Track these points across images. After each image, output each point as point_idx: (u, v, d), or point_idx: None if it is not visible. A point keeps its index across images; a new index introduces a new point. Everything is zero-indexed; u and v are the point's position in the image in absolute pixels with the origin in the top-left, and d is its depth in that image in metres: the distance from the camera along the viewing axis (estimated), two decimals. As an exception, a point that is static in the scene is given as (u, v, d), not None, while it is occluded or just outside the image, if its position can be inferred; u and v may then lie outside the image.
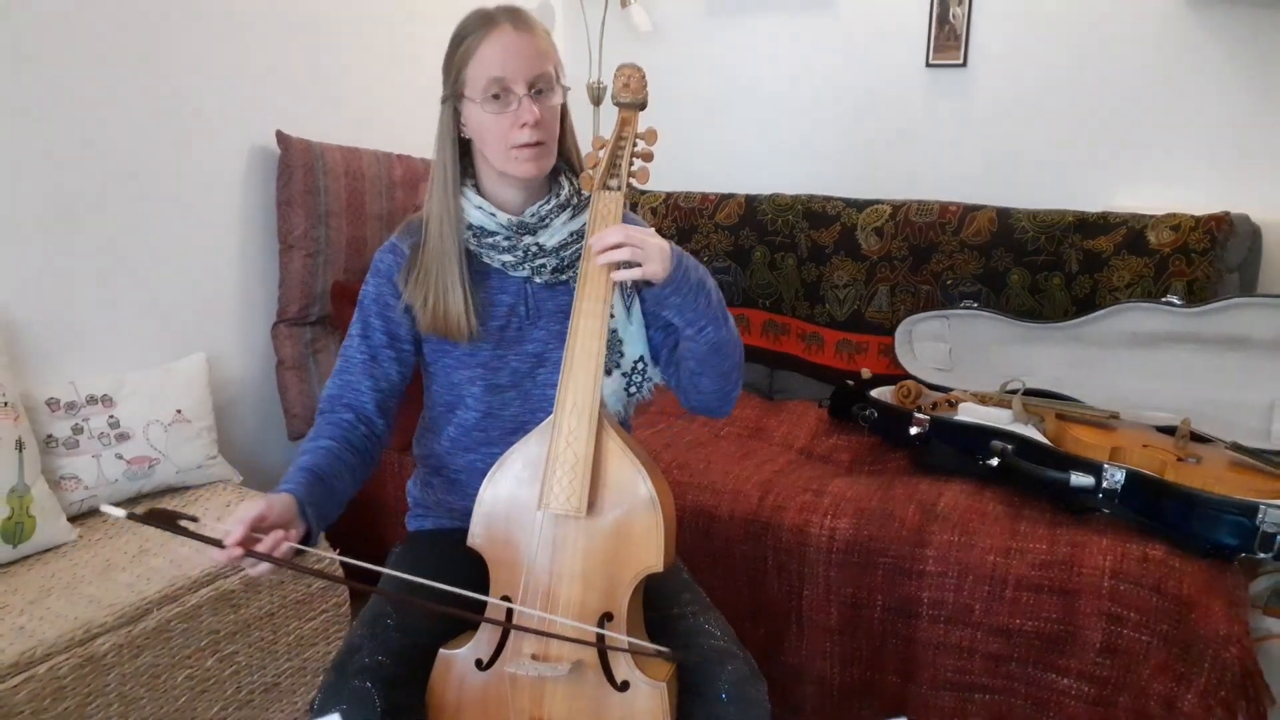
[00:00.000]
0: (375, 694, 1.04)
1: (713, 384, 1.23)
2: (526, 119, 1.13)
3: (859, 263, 2.28)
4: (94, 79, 1.76)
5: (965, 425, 1.79)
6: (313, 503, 1.07)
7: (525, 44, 1.14)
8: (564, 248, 1.22)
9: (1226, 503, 1.43)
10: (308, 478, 1.10)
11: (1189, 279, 1.91)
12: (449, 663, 1.11)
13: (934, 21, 2.42)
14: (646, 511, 1.06)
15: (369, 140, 2.29)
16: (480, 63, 1.14)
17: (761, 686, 1.12)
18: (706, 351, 1.18)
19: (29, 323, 1.71)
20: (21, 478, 1.54)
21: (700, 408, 1.28)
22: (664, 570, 1.07)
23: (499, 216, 1.20)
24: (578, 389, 1.08)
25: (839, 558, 1.61)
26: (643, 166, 1.13)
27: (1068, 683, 1.48)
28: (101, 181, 1.80)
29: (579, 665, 1.06)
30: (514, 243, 1.20)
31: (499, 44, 1.14)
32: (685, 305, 1.13)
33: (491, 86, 1.13)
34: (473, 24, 1.16)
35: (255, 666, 1.63)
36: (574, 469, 1.06)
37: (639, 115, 1.16)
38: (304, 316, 2.13)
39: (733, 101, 2.77)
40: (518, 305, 1.24)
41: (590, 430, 1.07)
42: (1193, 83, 2.18)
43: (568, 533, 1.08)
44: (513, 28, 1.15)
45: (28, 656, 1.29)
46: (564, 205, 1.22)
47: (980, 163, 2.44)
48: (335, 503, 1.13)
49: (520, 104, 1.13)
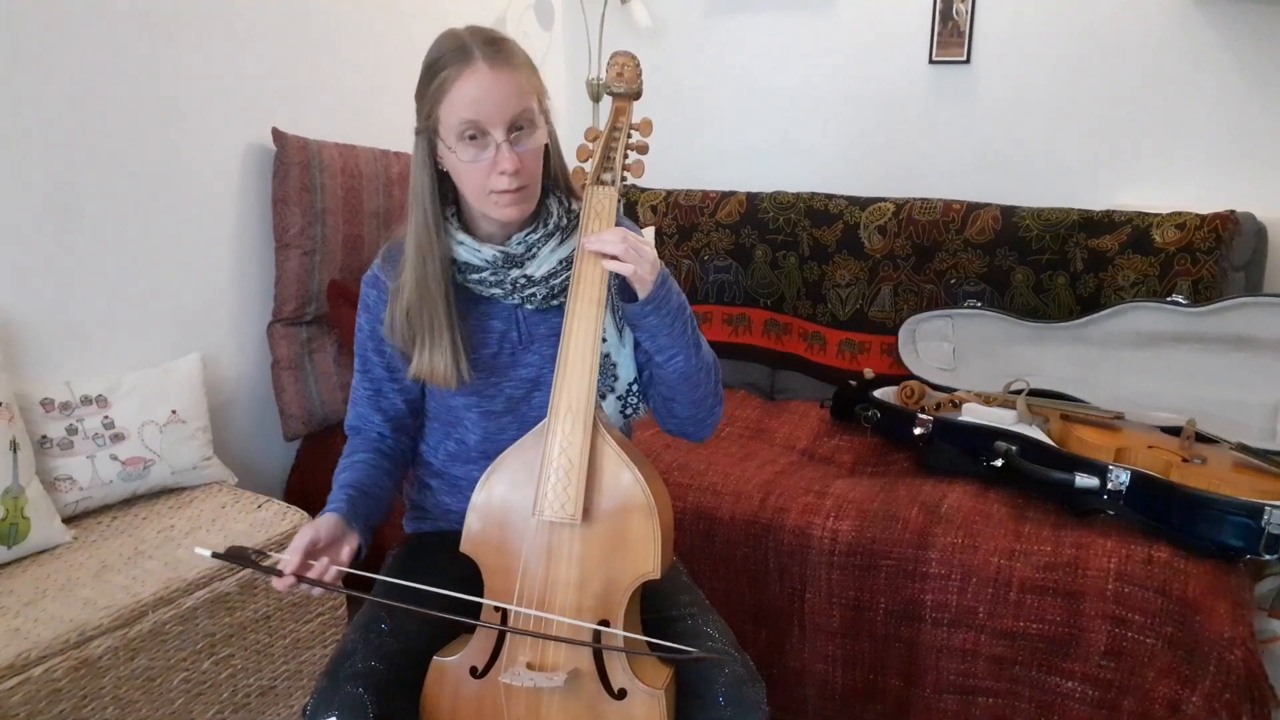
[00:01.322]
0: (368, 700, 1.03)
1: (686, 410, 1.21)
2: (505, 167, 1.06)
3: (862, 261, 2.26)
4: (89, 78, 1.75)
5: (969, 426, 1.78)
6: (357, 515, 1.12)
7: (503, 83, 1.05)
8: (553, 276, 1.16)
9: (1232, 504, 1.42)
10: (349, 494, 1.14)
11: (1194, 278, 1.90)
12: (442, 670, 1.10)
13: (937, 18, 2.40)
14: (643, 518, 1.04)
15: (366, 138, 2.27)
16: (452, 105, 1.06)
17: (760, 689, 1.11)
18: (677, 379, 1.16)
19: (23, 323, 1.70)
20: (16, 479, 1.53)
21: (677, 432, 1.26)
22: (661, 577, 1.05)
23: (484, 251, 1.14)
24: (572, 393, 1.06)
25: (841, 560, 1.60)
26: (638, 159, 1.10)
27: (1072, 685, 1.47)
28: (96, 180, 1.78)
29: (575, 674, 1.05)
30: (501, 277, 1.16)
31: (474, 85, 1.05)
32: (660, 328, 1.10)
33: (467, 129, 1.06)
34: (447, 56, 1.07)
35: (251, 669, 1.62)
36: (568, 475, 1.04)
37: (633, 105, 1.12)
38: (300, 316, 2.11)
39: (734, 98, 2.75)
40: (509, 331, 1.20)
41: (585, 435, 1.05)
42: (1198, 80, 2.16)
43: (562, 539, 1.06)
44: (488, 66, 1.05)
45: (23, 659, 1.28)
46: (552, 233, 1.16)
47: (984, 161, 2.42)
48: (381, 508, 1.19)
49: (499, 150, 1.06)
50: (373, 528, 1.15)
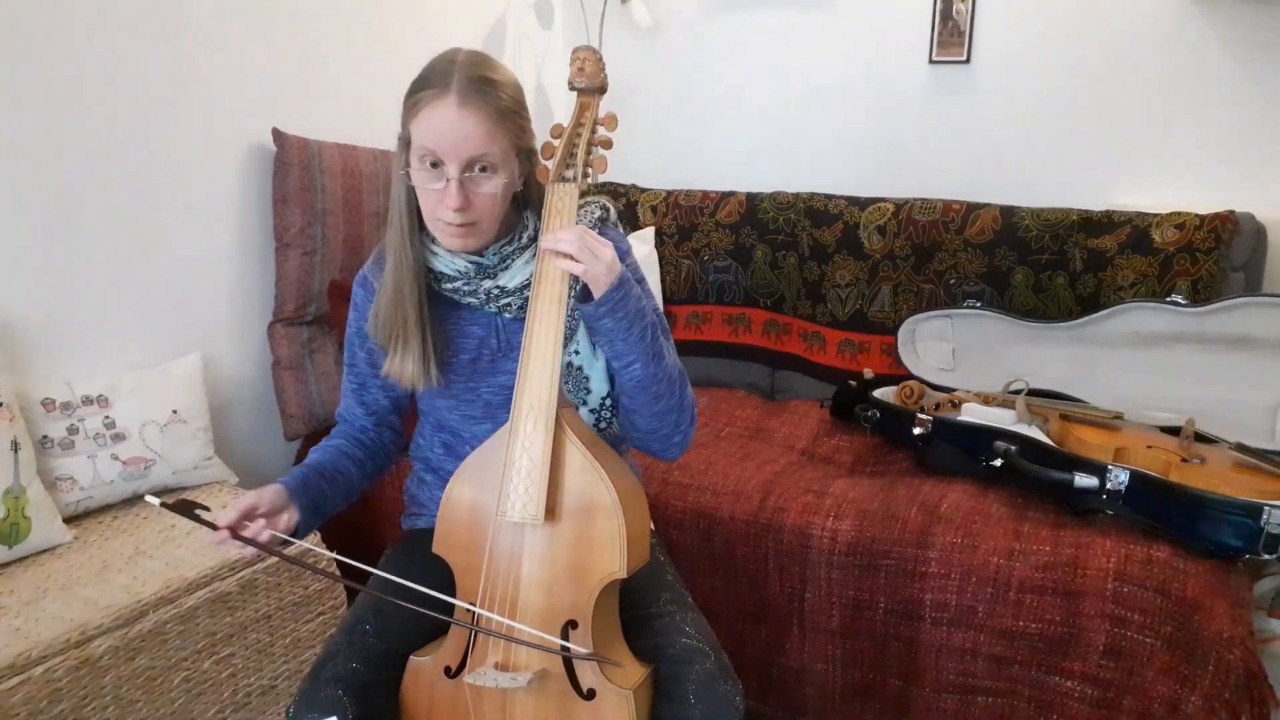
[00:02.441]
0: (347, 701, 1.04)
1: (646, 423, 1.17)
2: (449, 203, 1.06)
3: (861, 262, 2.26)
4: (89, 78, 1.75)
5: (968, 426, 1.78)
6: (305, 495, 1.13)
7: (468, 123, 1.05)
8: (527, 287, 1.16)
9: (1231, 504, 1.42)
10: (306, 473, 1.17)
11: (1193, 278, 1.90)
12: (418, 670, 1.11)
13: (937, 18, 2.40)
14: (608, 517, 1.03)
15: (366, 137, 2.27)
16: (418, 128, 1.07)
17: (734, 686, 1.09)
18: (634, 388, 1.13)
19: (24, 323, 1.70)
20: (17, 479, 1.53)
21: (642, 447, 1.23)
22: (628, 576, 1.04)
23: (456, 262, 1.16)
24: (533, 392, 1.05)
25: (841, 559, 1.60)
26: (601, 155, 1.09)
27: (1071, 685, 1.47)
28: (97, 180, 1.78)
29: (543, 674, 1.05)
30: (474, 287, 1.17)
31: (439, 116, 1.05)
32: (615, 332, 1.08)
33: (426, 155, 1.07)
34: (431, 77, 1.07)
35: (252, 669, 1.62)
36: (529, 475, 1.03)
37: (598, 100, 1.12)
38: (301, 316, 2.11)
39: (734, 98, 2.75)
40: (488, 338, 1.21)
41: (547, 435, 1.04)
42: (1198, 80, 2.16)
43: (528, 540, 1.06)
44: (458, 102, 1.04)
45: (24, 658, 1.28)
46: (525, 246, 1.17)
47: (984, 161, 2.42)
48: (338, 493, 1.20)
49: (449, 186, 1.06)
50: (323, 512, 1.17)
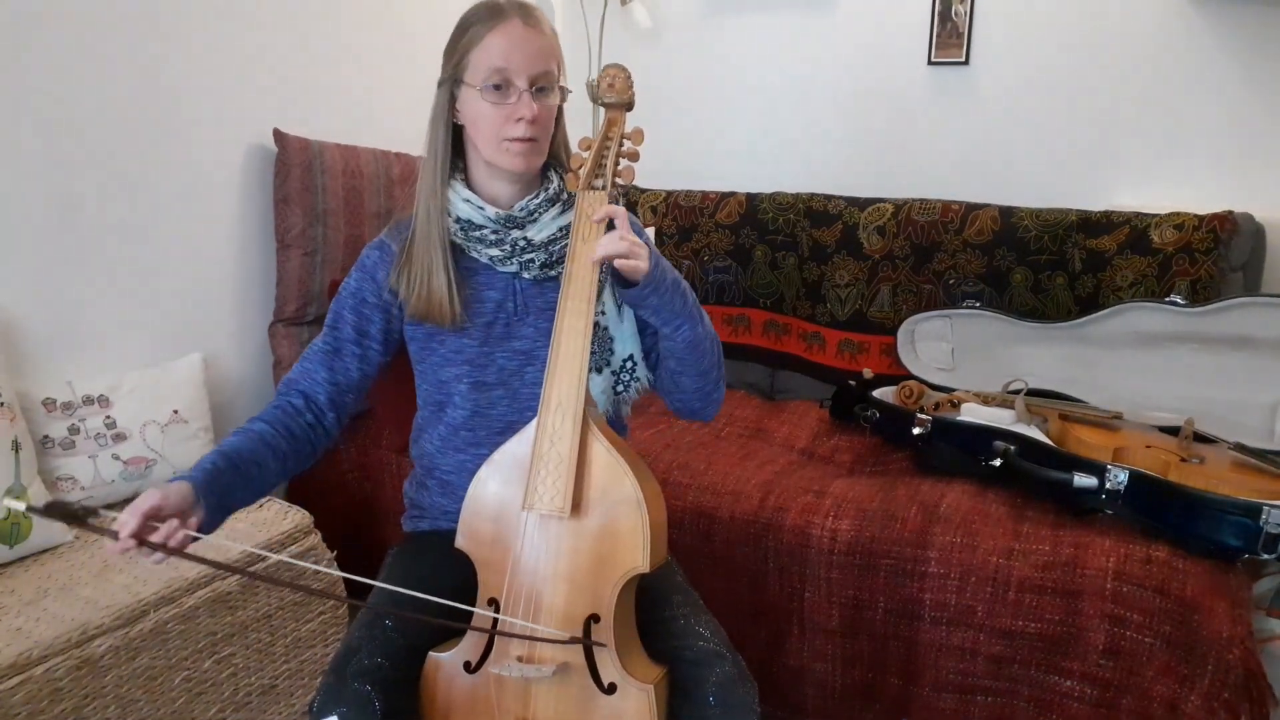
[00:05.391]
0: (375, 696, 1.04)
1: (693, 382, 1.24)
2: (524, 114, 1.14)
3: (861, 262, 2.26)
4: (90, 78, 1.75)
5: (968, 426, 1.78)
6: (213, 493, 1.03)
7: (532, 40, 1.15)
8: (553, 242, 1.22)
9: (1230, 504, 1.42)
10: (215, 464, 1.07)
11: (1192, 278, 1.90)
12: (437, 665, 1.11)
13: (936, 19, 2.41)
14: (632, 512, 1.06)
15: (367, 138, 2.27)
16: (485, 50, 1.15)
17: (751, 689, 1.11)
18: (684, 349, 1.20)
19: (24, 323, 1.70)
20: (18, 478, 1.54)
21: (684, 409, 1.29)
22: (651, 571, 1.06)
23: (487, 210, 1.20)
24: (562, 388, 1.08)
25: (840, 559, 1.60)
26: (628, 166, 1.14)
27: (1070, 685, 1.47)
28: (98, 181, 1.79)
29: (565, 667, 1.06)
30: (501, 236, 1.20)
31: (507, 36, 1.15)
32: (663, 305, 1.15)
33: (493, 76, 1.14)
34: (482, 13, 1.17)
35: (253, 668, 1.62)
36: (558, 469, 1.06)
37: (625, 115, 1.17)
38: (301, 316, 2.12)
39: (734, 99, 2.76)
40: (505, 301, 1.23)
41: (575, 430, 1.06)
42: (1197, 80, 2.16)
43: (553, 533, 1.07)
44: (522, 22, 1.16)
45: (25, 658, 1.29)
46: (553, 200, 1.22)
47: (983, 161, 2.43)
48: (251, 487, 1.11)
49: (520, 98, 1.14)
50: (229, 509, 1.07)
